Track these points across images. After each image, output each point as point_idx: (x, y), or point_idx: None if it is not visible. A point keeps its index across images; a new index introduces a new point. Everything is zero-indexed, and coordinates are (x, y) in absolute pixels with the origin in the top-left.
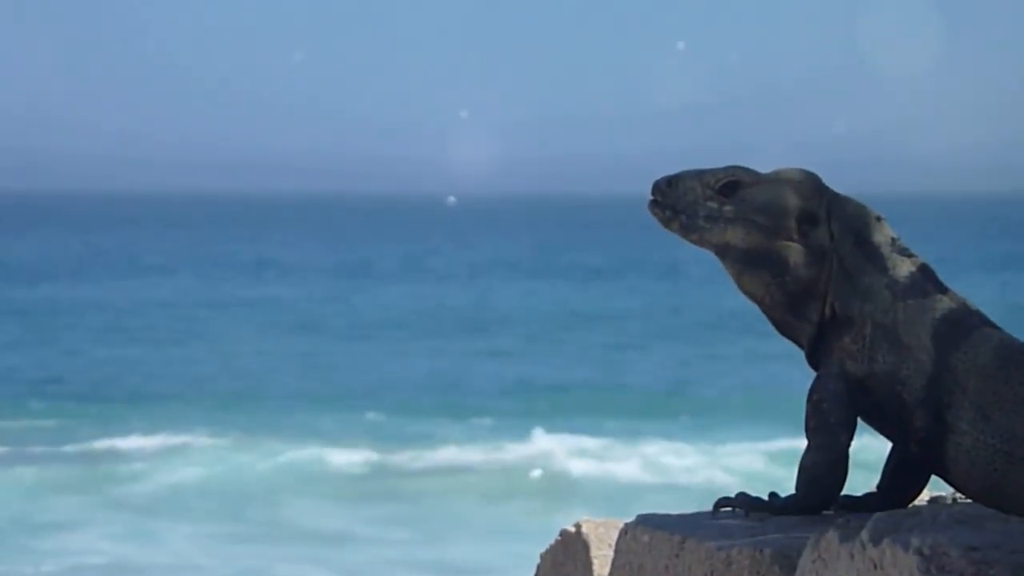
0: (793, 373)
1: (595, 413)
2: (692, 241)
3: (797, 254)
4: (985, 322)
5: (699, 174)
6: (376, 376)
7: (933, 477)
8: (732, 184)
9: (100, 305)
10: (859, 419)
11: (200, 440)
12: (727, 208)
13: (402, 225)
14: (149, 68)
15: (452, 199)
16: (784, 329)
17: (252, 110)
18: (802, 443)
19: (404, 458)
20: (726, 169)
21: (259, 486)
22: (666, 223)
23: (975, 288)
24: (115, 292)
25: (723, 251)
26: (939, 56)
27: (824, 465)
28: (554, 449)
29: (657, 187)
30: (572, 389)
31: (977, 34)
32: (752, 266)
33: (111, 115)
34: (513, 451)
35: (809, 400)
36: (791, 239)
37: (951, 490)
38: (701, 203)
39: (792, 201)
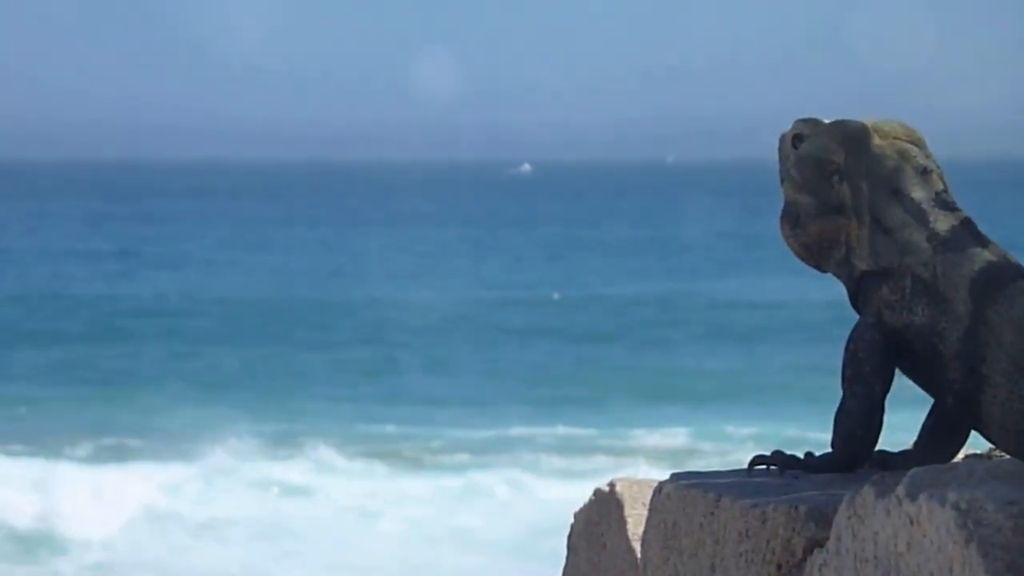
0: None
1: None
2: None
3: (808, 207)
4: (1023, 275)
5: (791, 129)
6: None
7: (968, 438)
8: (798, 137)
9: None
10: (897, 372)
11: None
12: (788, 162)
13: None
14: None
15: (527, 166)
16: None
17: (304, 81)
18: None
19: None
20: (795, 123)
21: None
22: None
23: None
24: None
25: None
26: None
27: (859, 416)
28: None
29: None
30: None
31: None
32: (782, 218)
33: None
34: None
35: (846, 349)
36: (813, 192)
37: (986, 450)
38: (784, 158)
39: (818, 155)
